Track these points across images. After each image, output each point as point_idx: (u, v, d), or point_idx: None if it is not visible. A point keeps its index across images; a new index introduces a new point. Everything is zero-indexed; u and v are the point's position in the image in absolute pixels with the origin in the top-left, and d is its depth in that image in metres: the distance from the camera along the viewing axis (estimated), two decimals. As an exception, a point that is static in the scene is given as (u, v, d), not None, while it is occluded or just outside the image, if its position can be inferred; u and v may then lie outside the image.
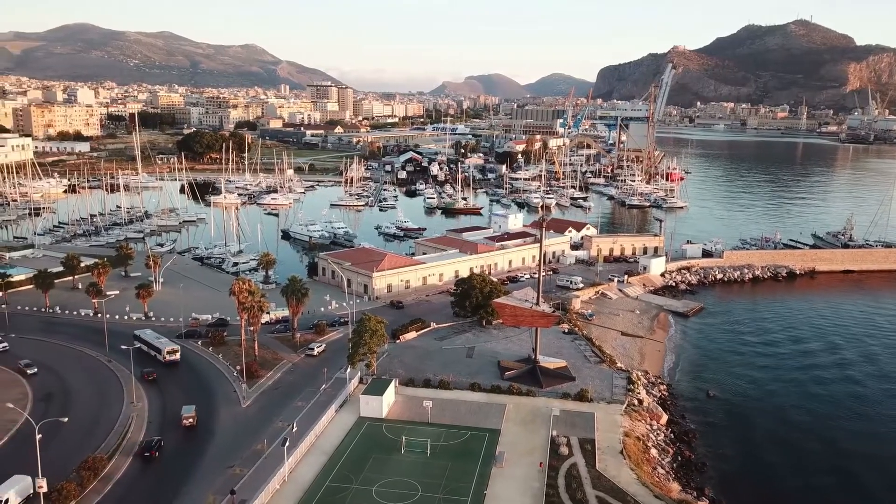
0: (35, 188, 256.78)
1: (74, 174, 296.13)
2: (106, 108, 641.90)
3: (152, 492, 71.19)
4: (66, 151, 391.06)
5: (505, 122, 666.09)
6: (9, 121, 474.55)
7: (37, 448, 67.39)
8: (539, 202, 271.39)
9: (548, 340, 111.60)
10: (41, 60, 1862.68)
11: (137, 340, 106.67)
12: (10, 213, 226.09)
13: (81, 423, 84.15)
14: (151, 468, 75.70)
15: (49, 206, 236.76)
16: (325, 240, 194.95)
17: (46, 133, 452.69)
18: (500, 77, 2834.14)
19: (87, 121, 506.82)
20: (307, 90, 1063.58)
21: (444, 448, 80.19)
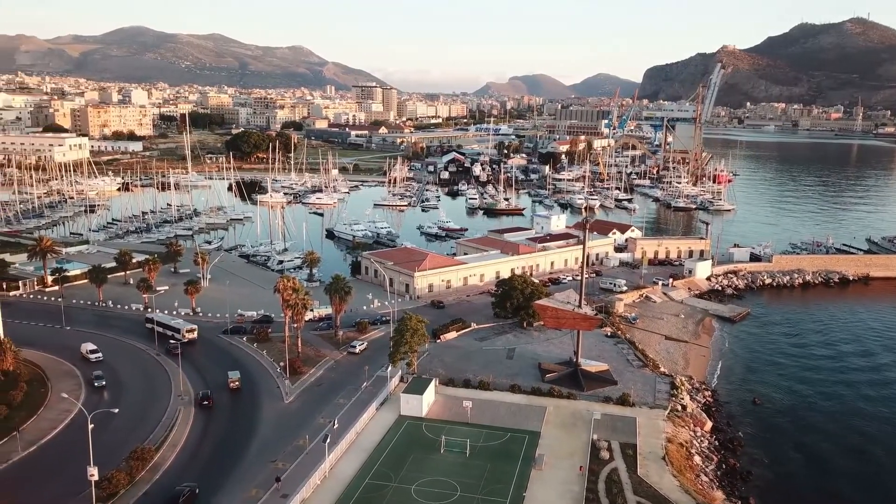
0: (90, 186, 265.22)
1: (128, 173, 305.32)
2: (158, 109, 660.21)
3: (197, 483, 72.87)
4: (120, 151, 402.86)
5: (549, 123, 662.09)
6: (67, 121, 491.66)
7: (89, 437, 69.84)
8: (582, 203, 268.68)
9: (589, 343, 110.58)
10: (98, 63, 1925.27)
11: (151, 323, 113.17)
12: (67, 209, 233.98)
13: (131, 414, 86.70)
14: (198, 459, 77.58)
15: (103, 204, 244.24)
16: (368, 239, 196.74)
17: (102, 133, 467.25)
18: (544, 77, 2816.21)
19: (141, 121, 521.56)
20: (352, 91, 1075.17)
21: (483, 449, 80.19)
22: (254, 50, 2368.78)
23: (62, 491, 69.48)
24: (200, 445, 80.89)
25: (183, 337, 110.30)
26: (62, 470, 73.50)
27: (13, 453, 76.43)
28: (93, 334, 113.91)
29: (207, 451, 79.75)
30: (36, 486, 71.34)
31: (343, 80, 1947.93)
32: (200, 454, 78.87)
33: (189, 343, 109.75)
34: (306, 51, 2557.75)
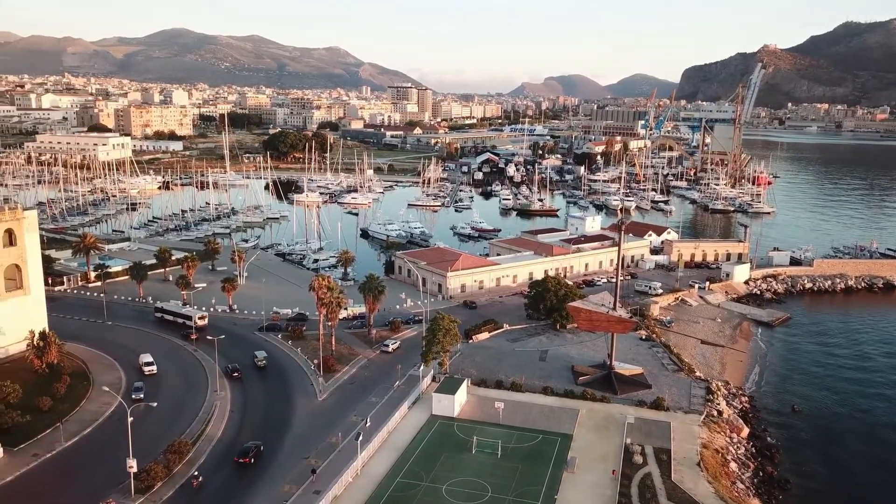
0: (132, 184, 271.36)
1: (168, 172, 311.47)
2: (198, 109, 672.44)
3: (231, 479, 74.14)
4: (161, 150, 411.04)
5: (584, 124, 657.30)
6: (111, 121, 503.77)
7: (128, 430, 71.54)
8: (618, 205, 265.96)
9: (624, 346, 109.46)
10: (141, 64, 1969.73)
11: (160, 312, 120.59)
12: (110, 207, 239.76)
13: (169, 408, 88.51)
14: (233, 454, 78.71)
15: (145, 202, 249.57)
16: (401, 239, 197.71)
17: (144, 132, 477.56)
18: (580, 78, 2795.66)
19: (181, 121, 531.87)
20: (388, 92, 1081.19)
21: (515, 450, 79.97)
22: (291, 51, 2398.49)
23: (103, 482, 71.24)
24: (236, 440, 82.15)
25: (195, 324, 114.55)
26: (103, 461, 75.35)
27: (57, 444, 78.65)
28: (133, 329, 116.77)
29: (242, 445, 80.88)
30: (78, 475, 73.31)
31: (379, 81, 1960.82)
32: (235, 449, 80.00)
33: (201, 329, 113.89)
34: (343, 52, 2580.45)
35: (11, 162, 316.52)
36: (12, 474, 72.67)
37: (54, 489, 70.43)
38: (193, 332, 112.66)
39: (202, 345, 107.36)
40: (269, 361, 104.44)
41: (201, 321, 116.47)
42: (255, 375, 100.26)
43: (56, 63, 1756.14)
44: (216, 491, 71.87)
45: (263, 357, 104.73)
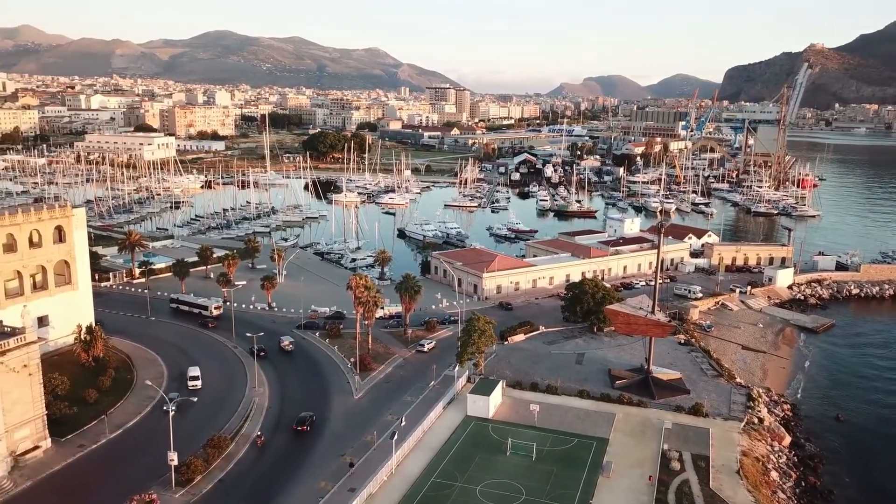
0: (176, 183, 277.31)
1: (210, 171, 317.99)
2: (240, 110, 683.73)
3: (269, 473, 75.39)
4: (204, 150, 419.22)
5: (623, 124, 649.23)
6: (156, 121, 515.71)
7: (170, 424, 73.24)
8: (657, 207, 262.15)
9: (662, 351, 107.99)
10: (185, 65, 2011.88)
11: (176, 303, 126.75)
12: (155, 205, 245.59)
13: (208, 403, 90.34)
14: (270, 450, 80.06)
15: (187, 201, 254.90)
16: (438, 239, 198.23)
17: (187, 132, 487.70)
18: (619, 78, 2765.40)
19: (223, 121, 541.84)
20: (426, 92, 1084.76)
21: (550, 453, 79.56)
22: (331, 52, 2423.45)
23: (145, 473, 73.04)
24: (274, 436, 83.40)
25: (211, 313, 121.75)
26: (145, 453, 77.24)
27: (101, 435, 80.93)
28: (175, 325, 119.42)
29: (280, 442, 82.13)
30: (122, 466, 75.32)
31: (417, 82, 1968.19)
32: (273, 444, 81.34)
33: (217, 318, 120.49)
34: (382, 52, 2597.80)
35: (62, 161, 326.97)
36: (60, 464, 75.03)
37: (99, 479, 72.47)
38: (211, 322, 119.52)
39: (242, 342, 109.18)
40: (306, 356, 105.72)
41: (217, 311, 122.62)
42: (293, 372, 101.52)
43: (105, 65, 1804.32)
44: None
45: (290, 342, 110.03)
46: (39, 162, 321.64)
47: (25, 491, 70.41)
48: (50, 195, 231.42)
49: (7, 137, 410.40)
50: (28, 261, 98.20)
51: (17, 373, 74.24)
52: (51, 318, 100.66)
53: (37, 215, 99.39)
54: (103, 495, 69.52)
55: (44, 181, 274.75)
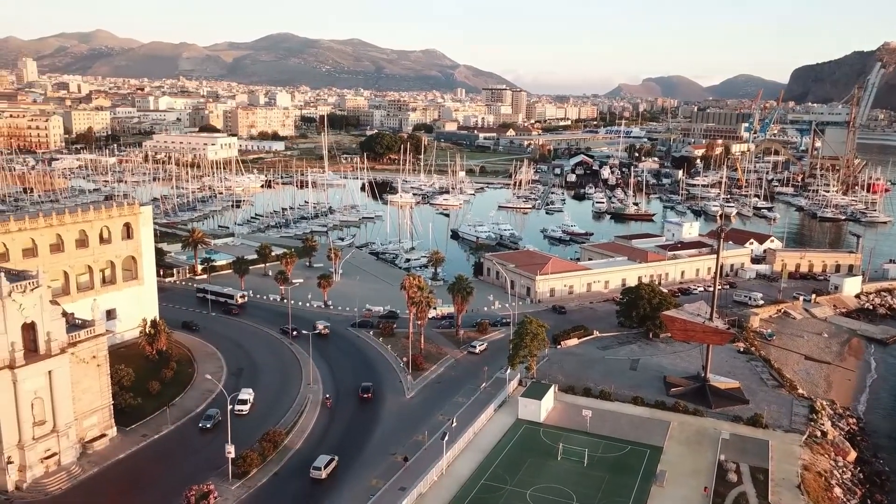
0: (237, 183, 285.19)
1: (270, 171, 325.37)
2: (299, 111, 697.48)
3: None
4: (265, 150, 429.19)
5: (683, 126, 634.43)
6: (219, 122, 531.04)
7: (228, 417, 75.42)
8: (718, 210, 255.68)
9: (720, 359, 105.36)
10: (248, 67, 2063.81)
11: (203, 292, 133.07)
12: (217, 204, 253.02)
13: (265, 398, 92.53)
14: (323, 446, 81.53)
15: (248, 200, 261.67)
16: (491, 241, 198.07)
17: (249, 133, 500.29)
18: (680, 79, 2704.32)
19: (284, 122, 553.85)
20: (482, 93, 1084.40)
21: (602, 460, 78.60)
22: (389, 54, 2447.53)
23: (203, 464, 75.41)
24: (327, 432, 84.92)
25: (237, 301, 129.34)
26: (204, 445, 79.76)
27: (163, 426, 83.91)
28: (234, 321, 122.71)
29: (333, 438, 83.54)
30: (182, 457, 77.93)
31: (473, 83, 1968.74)
32: (326, 441, 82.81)
33: (241, 306, 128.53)
34: (439, 54, 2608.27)
35: (131, 160, 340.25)
36: (124, 452, 78.16)
37: (160, 469, 75.15)
38: (234, 309, 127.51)
39: (299, 340, 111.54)
40: (359, 354, 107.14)
41: (241, 299, 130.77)
42: (347, 369, 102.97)
43: (172, 67, 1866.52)
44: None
45: (325, 325, 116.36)
46: (110, 161, 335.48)
47: (92, 477, 73.61)
48: (119, 193, 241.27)
49: (81, 137, 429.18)
50: (98, 256, 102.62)
51: (86, 363, 77.68)
52: (118, 312, 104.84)
53: (107, 212, 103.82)
54: (164, 484, 72.08)
55: (114, 179, 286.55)
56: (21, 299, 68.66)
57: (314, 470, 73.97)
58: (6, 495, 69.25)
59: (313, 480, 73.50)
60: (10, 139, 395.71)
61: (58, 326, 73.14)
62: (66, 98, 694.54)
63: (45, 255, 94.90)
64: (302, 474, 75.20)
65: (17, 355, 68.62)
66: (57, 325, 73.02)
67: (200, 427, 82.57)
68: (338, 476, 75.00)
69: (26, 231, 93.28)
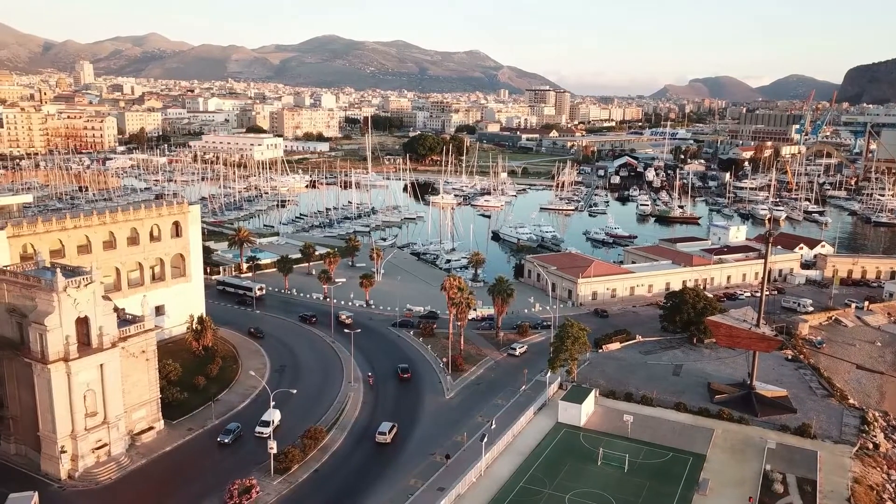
0: (283, 183, 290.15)
1: (315, 171, 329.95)
2: (344, 112, 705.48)
3: (361, 467, 77.53)
4: (309, 151, 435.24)
5: (731, 127, 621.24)
6: (266, 123, 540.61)
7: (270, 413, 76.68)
8: (766, 214, 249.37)
9: (766, 366, 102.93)
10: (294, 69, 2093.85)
11: (223, 285, 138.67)
12: (262, 203, 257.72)
13: (307, 395, 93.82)
14: (363, 444, 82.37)
15: (293, 199, 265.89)
16: (532, 242, 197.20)
17: (294, 134, 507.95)
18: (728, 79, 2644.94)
19: (328, 123, 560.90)
20: (525, 95, 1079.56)
21: (643, 466, 77.54)
22: (433, 55, 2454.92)
23: (246, 459, 76.94)
24: (367, 431, 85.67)
25: (255, 294, 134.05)
26: (247, 440, 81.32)
27: (208, 420, 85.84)
28: (278, 319, 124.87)
29: (373, 436, 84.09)
30: (226, 451, 79.60)
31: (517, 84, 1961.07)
32: (366, 439, 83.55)
33: (258, 298, 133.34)
34: (482, 55, 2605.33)
35: (180, 160, 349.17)
36: (171, 445, 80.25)
37: (204, 462, 76.88)
38: (251, 300, 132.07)
39: (339, 337, 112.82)
40: (400, 354, 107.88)
41: (259, 292, 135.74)
42: (384, 364, 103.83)
43: (221, 69, 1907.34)
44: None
45: (348, 316, 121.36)
46: (161, 161, 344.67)
47: (140, 468, 75.79)
48: (169, 192, 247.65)
49: (134, 138, 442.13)
50: (148, 253, 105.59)
51: (135, 357, 80.00)
52: (166, 308, 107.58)
53: (157, 211, 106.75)
54: (209, 477, 73.76)
55: (164, 179, 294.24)
56: (75, 294, 71.09)
57: (379, 434, 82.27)
58: (59, 483, 71.84)
59: (351, 478, 74.19)
60: (68, 139, 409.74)
61: (110, 321, 75.45)
62: (120, 100, 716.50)
63: (99, 251, 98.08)
64: (342, 472, 76.13)
65: (71, 348, 71.10)
66: (109, 319, 75.34)
67: (219, 441, 79.78)
68: (378, 473, 75.68)
69: (81, 228, 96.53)
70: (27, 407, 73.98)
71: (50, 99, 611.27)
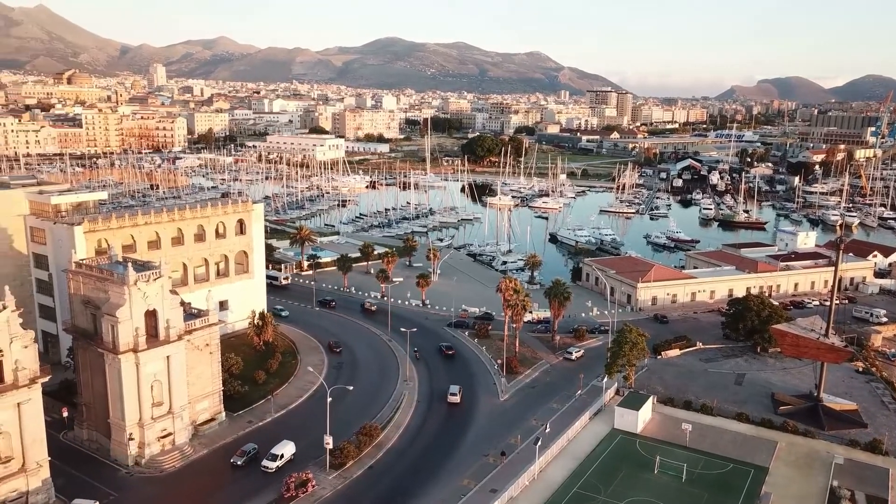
0: (343, 183, 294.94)
1: (375, 172, 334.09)
2: (404, 114, 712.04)
3: (415, 465, 78.13)
4: (370, 152, 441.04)
5: (801, 130, 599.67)
6: (328, 124, 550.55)
7: (327, 409, 78.14)
8: (837, 220, 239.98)
9: (835, 378, 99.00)
10: (357, 71, 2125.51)
11: None
12: (323, 203, 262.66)
13: (363, 392, 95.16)
14: (417, 443, 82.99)
15: (353, 199, 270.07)
16: (591, 245, 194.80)
17: (356, 135, 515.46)
18: (799, 80, 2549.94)
19: (388, 124, 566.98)
20: (586, 96, 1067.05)
21: (702, 476, 75.63)
22: (493, 56, 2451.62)
23: (303, 454, 78.45)
24: (421, 430, 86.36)
25: (280, 282, 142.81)
26: (304, 434, 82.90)
27: (267, 414, 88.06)
28: (337, 316, 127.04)
29: (427, 436, 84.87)
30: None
31: (578, 85, 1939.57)
32: (420, 438, 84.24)
33: (284, 287, 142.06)
34: (543, 56, 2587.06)
35: (246, 160, 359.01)
36: (232, 436, 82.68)
37: (262, 454, 78.70)
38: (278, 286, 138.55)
39: (396, 336, 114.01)
40: (454, 358, 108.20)
41: (285, 281, 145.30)
42: (442, 368, 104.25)
43: (286, 71, 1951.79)
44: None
45: (370, 303, 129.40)
46: (227, 160, 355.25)
47: (203, 457, 78.34)
48: (234, 191, 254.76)
49: (202, 138, 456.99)
50: (214, 250, 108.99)
51: (200, 350, 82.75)
52: (230, 303, 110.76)
53: (223, 209, 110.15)
54: (267, 469, 75.66)
55: (230, 178, 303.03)
56: (145, 288, 74.02)
57: (451, 395, 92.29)
58: (127, 469, 74.95)
59: (405, 477, 74.80)
60: (141, 139, 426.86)
61: (176, 315, 78.23)
62: (190, 101, 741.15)
63: (167, 247, 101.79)
64: (396, 469, 76.91)
65: (140, 340, 74.05)
66: (176, 313, 78.12)
67: (232, 463, 76.26)
68: (431, 472, 75.98)
69: (151, 225, 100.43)
70: (99, 394, 77.43)
71: (125, 100, 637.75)
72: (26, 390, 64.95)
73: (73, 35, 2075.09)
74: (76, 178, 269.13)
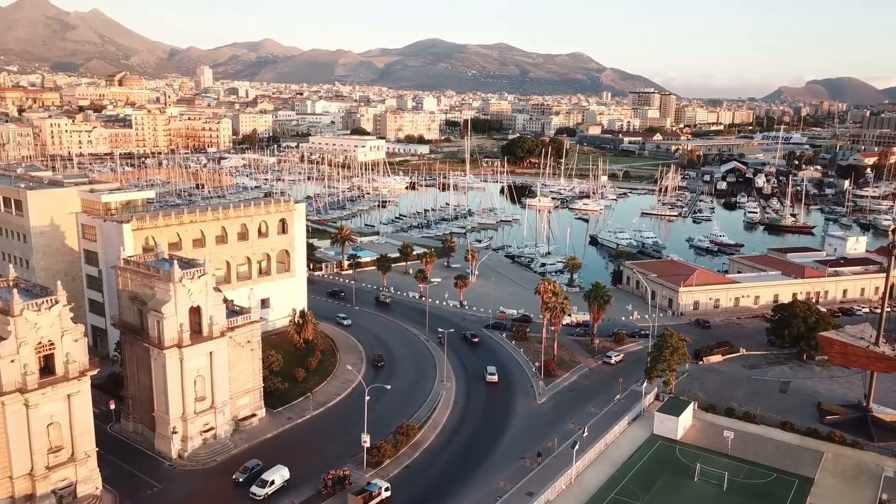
0: (384, 184, 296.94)
1: (415, 173, 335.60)
2: (445, 115, 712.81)
3: (451, 466, 78.28)
4: (410, 153, 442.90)
5: (852, 132, 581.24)
6: (369, 125, 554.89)
7: (365, 408, 78.86)
8: (889, 225, 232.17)
9: (886, 388, 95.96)
10: (398, 72, 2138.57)
11: None
12: (364, 203, 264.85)
13: (400, 392, 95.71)
14: (454, 443, 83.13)
15: (393, 200, 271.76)
16: (632, 248, 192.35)
17: (396, 136, 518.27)
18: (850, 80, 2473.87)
19: (429, 126, 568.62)
20: (628, 97, 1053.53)
21: (743, 485, 74.05)
22: (535, 58, 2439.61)
23: (341, 451, 79.42)
24: (458, 430, 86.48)
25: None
26: (342, 432, 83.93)
27: (306, 411, 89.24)
28: (376, 315, 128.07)
29: (463, 436, 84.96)
30: (322, 441, 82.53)
31: (620, 87, 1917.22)
32: (457, 439, 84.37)
33: None
34: (585, 57, 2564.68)
35: (288, 160, 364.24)
36: (271, 432, 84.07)
37: (301, 451, 79.91)
38: None
39: (433, 335, 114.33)
40: (492, 355, 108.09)
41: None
42: (476, 365, 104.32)
43: (329, 73, 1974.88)
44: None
45: (385, 296, 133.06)
46: (270, 160, 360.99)
47: (243, 452, 79.77)
48: (277, 191, 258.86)
49: (246, 138, 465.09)
50: (256, 248, 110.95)
51: (241, 347, 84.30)
52: (271, 301, 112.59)
53: (265, 208, 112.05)
54: (305, 464, 76.55)
55: (273, 178, 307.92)
56: (190, 285, 75.76)
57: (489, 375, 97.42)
58: (170, 462, 76.78)
59: (441, 477, 74.98)
60: (188, 139, 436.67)
61: (219, 311, 79.88)
62: (235, 102, 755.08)
63: (212, 245, 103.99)
64: (433, 469, 77.18)
65: (184, 335, 75.82)
66: (219, 310, 79.78)
67: (234, 479, 73.65)
68: (467, 473, 76.10)
69: (196, 223, 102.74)
70: (144, 388, 79.53)
71: (173, 102, 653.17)
72: (76, 382, 66.84)
73: (125, 38, 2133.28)
74: (125, 177, 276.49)
